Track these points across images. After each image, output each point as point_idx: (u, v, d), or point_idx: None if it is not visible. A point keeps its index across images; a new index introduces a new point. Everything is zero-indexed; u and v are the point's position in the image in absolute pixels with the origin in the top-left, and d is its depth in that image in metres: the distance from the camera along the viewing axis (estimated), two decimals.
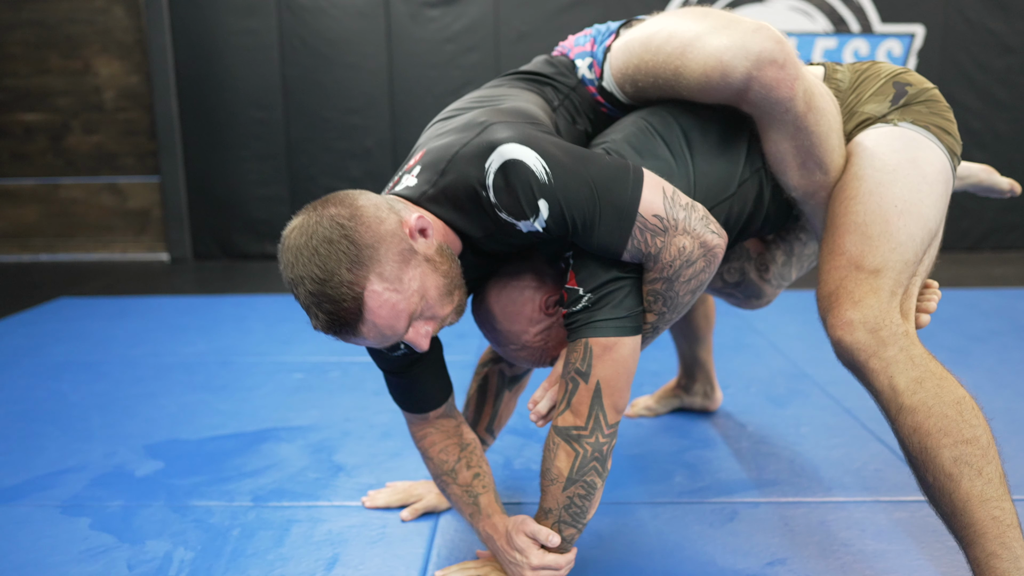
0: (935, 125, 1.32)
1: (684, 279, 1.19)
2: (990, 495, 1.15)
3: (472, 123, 1.20)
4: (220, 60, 4.69)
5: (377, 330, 1.08)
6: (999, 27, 4.59)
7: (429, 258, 1.12)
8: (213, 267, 4.76)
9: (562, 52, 1.50)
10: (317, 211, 1.08)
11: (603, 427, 1.22)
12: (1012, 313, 3.22)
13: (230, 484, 1.79)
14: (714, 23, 1.24)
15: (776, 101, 1.21)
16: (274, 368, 2.65)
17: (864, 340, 1.20)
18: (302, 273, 1.05)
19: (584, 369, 1.20)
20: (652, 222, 1.14)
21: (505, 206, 1.12)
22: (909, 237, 1.24)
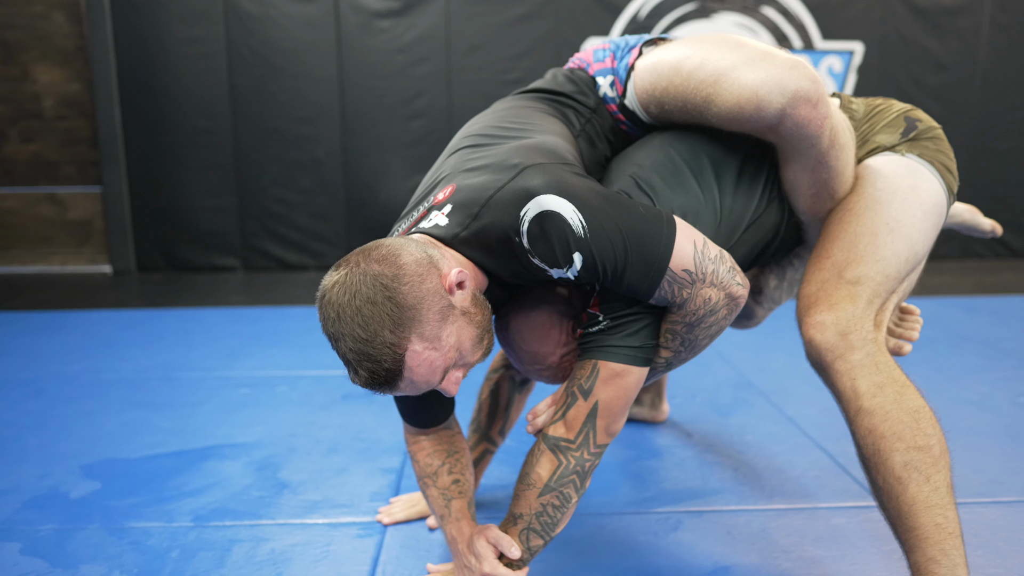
0: (939, 162, 1.39)
1: (705, 325, 1.23)
2: (936, 502, 1.19)
3: (506, 164, 1.19)
4: (165, 68, 4.60)
5: (414, 386, 1.11)
6: (933, 45, 4.77)
7: (465, 311, 1.14)
8: (158, 279, 4.65)
9: (580, 66, 1.49)
10: (360, 267, 1.08)
11: (591, 444, 1.25)
12: (945, 321, 3.34)
13: (169, 504, 1.74)
14: (750, 54, 1.26)
15: (804, 137, 1.25)
16: (219, 383, 2.60)
17: (833, 342, 1.25)
18: (344, 331, 1.06)
19: (587, 387, 1.24)
20: (681, 276, 1.16)
21: (539, 254, 1.13)
22: (894, 254, 1.31)
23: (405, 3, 4.58)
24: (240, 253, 4.84)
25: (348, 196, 4.80)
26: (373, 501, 1.76)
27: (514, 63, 4.67)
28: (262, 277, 4.67)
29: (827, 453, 1.99)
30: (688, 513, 1.70)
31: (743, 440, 2.10)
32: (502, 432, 1.72)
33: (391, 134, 4.73)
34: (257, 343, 3.10)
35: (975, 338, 3.08)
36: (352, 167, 4.76)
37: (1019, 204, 4.99)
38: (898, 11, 4.71)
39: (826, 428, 2.14)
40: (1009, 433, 2.10)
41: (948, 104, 4.80)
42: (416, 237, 1.18)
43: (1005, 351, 2.89)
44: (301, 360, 2.85)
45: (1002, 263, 4.94)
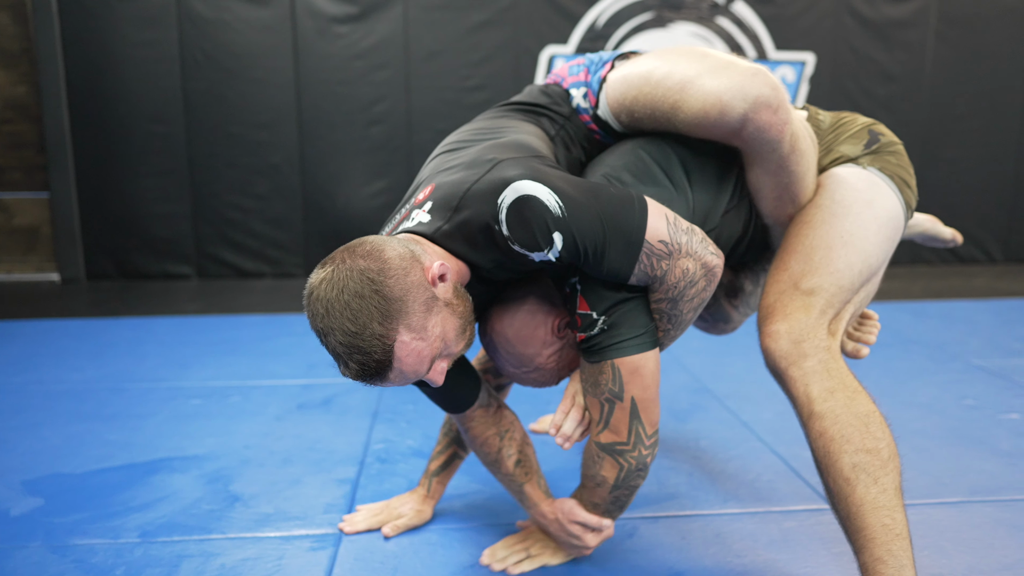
0: (898, 176, 1.44)
1: (687, 298, 1.27)
2: (883, 503, 1.22)
3: (480, 160, 1.24)
4: (116, 72, 4.49)
5: (403, 376, 1.14)
6: (882, 57, 4.89)
7: (448, 302, 1.17)
8: (108, 287, 4.54)
9: (555, 81, 1.55)
10: (347, 264, 1.11)
11: (644, 441, 1.32)
12: (895, 326, 3.42)
13: (116, 520, 1.70)
14: (714, 64, 1.31)
15: (766, 141, 1.30)
16: (170, 394, 2.54)
17: (787, 349, 1.31)
18: (333, 325, 1.09)
19: (617, 390, 1.28)
20: (658, 247, 1.20)
21: (518, 239, 1.16)
22: (848, 266, 1.36)
23: (363, 9, 4.55)
24: (194, 260, 4.75)
25: (306, 202, 4.74)
26: (328, 513, 1.74)
27: (473, 70, 4.67)
28: (217, 285, 4.59)
29: (780, 457, 2.02)
30: (644, 519, 1.71)
31: (699, 445, 2.12)
32: None
33: (350, 140, 4.69)
34: (211, 352, 3.04)
35: (924, 342, 3.16)
36: (310, 173, 4.71)
37: (965, 211, 5.14)
38: (848, 23, 4.82)
39: (780, 433, 2.17)
40: (955, 435, 2.15)
41: (897, 114, 4.93)
42: (399, 236, 1.22)
43: (952, 354, 2.97)
44: (256, 370, 2.81)
45: (950, 268, 5.08)
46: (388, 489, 1.85)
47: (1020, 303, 3.92)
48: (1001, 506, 1.73)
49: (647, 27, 4.75)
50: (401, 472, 1.95)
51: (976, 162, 5.09)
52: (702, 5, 4.75)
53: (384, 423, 2.30)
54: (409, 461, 2.02)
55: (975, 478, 1.87)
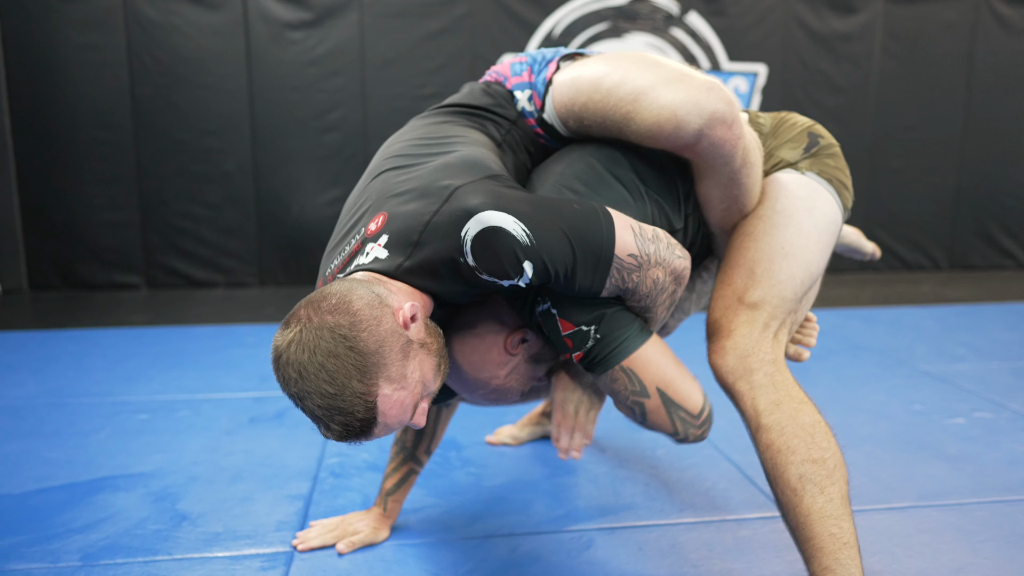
0: (836, 179, 1.46)
1: (659, 303, 1.28)
2: (830, 513, 1.24)
3: (434, 186, 1.17)
4: (60, 76, 4.36)
5: (388, 428, 1.10)
6: (830, 69, 5.01)
7: (422, 342, 1.13)
8: (52, 298, 4.39)
9: (496, 79, 1.49)
10: (314, 322, 1.05)
11: (693, 423, 1.30)
12: (846, 332, 3.49)
13: (56, 543, 1.63)
14: (668, 75, 1.29)
15: (719, 156, 1.29)
16: (115, 409, 2.46)
17: (733, 364, 1.33)
18: (309, 389, 1.03)
19: (639, 389, 1.26)
20: (628, 261, 1.19)
21: (487, 269, 1.13)
22: (789, 277, 1.37)
23: (317, 15, 4.50)
24: (143, 270, 4.63)
25: (259, 211, 4.65)
26: (279, 531, 1.70)
27: (429, 78, 4.64)
28: (167, 295, 4.47)
29: (735, 464, 2.04)
30: (600, 530, 1.70)
31: (655, 454, 2.13)
32: (428, 451, 1.69)
33: (304, 148, 4.62)
34: (159, 365, 2.95)
35: (872, 348, 3.23)
36: (263, 181, 4.63)
37: (911, 220, 5.29)
38: (798, 36, 4.93)
39: (734, 440, 2.19)
40: (904, 440, 2.20)
41: (845, 124, 5.05)
42: (360, 276, 1.16)
43: (900, 360, 3.04)
44: (206, 383, 2.74)
45: (897, 275, 5.21)
46: (342, 505, 1.82)
47: (964, 309, 4.04)
48: (948, 510, 1.76)
49: (603, 37, 4.78)
50: (356, 487, 1.92)
51: (920, 172, 5.24)
52: (657, 16, 4.80)
53: None
54: (364, 475, 1.98)
55: (923, 483, 1.91)
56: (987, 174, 5.30)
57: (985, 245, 5.40)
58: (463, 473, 2.01)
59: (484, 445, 2.20)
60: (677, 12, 4.81)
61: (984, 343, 3.31)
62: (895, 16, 5.00)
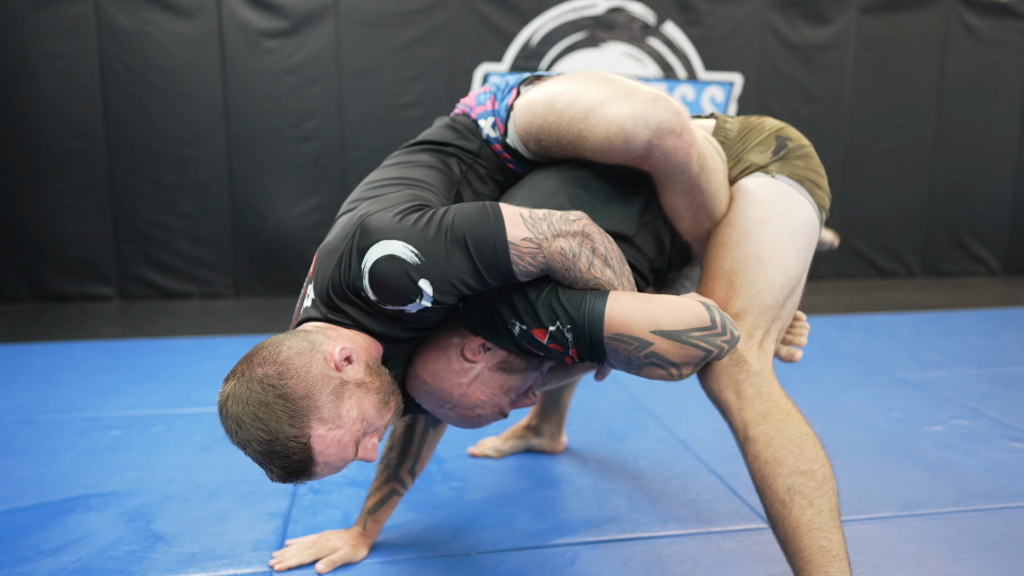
0: (808, 179, 1.46)
1: (584, 266, 1.24)
2: (819, 525, 1.23)
3: (348, 228, 1.22)
4: (30, 84, 4.28)
5: (330, 467, 1.16)
6: (804, 78, 5.07)
7: (360, 382, 1.18)
8: (21, 311, 4.30)
9: (463, 111, 1.53)
10: (246, 375, 1.13)
11: (712, 336, 1.24)
12: (824, 340, 3.51)
13: (25, 566, 1.58)
14: (615, 90, 1.31)
15: (674, 165, 1.30)
16: (87, 425, 2.41)
17: (721, 376, 1.33)
18: (248, 437, 1.11)
19: (638, 343, 1.22)
20: (525, 246, 1.20)
21: (387, 299, 1.17)
22: (768, 284, 1.37)
23: (293, 23, 4.46)
24: (115, 281, 4.55)
25: (235, 221, 4.60)
26: (257, 550, 1.66)
27: (406, 87, 4.62)
28: (140, 306, 4.40)
29: (718, 476, 2.03)
30: (584, 544, 1.69)
31: (638, 466, 2.12)
32: (412, 472, 1.66)
33: (280, 157, 4.57)
34: (132, 379, 2.89)
35: (850, 355, 3.25)
36: (239, 191, 4.57)
37: (886, 227, 5.35)
38: (773, 46, 4.98)
39: (716, 451, 2.18)
40: (884, 448, 2.21)
41: (819, 133, 5.10)
42: (304, 327, 1.24)
43: (877, 367, 3.06)
44: (181, 397, 2.68)
45: (872, 282, 5.27)
46: (322, 522, 1.78)
47: (938, 316, 4.09)
48: (930, 520, 1.77)
49: (580, 46, 4.80)
50: (336, 503, 1.88)
51: (894, 179, 5.31)
52: (633, 26, 4.83)
53: None
54: (344, 491, 1.95)
55: (904, 492, 1.92)
56: (959, 181, 5.39)
57: (958, 252, 5.49)
58: (445, 487, 1.98)
59: (466, 459, 2.17)
60: (654, 22, 4.84)
61: (959, 350, 3.35)
62: (867, 27, 5.07)
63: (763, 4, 4.92)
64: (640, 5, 4.80)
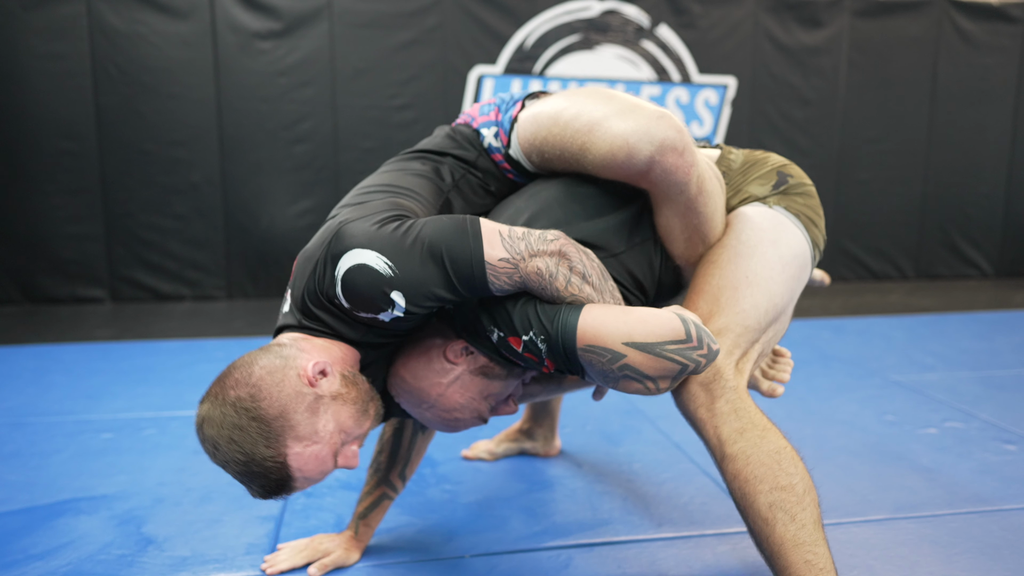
0: (805, 215, 1.47)
1: (562, 284, 1.23)
2: (803, 539, 1.23)
3: (326, 234, 1.22)
4: (21, 85, 4.26)
5: (309, 480, 1.17)
6: (798, 82, 5.08)
7: (336, 395, 1.18)
8: (12, 313, 4.27)
9: (465, 121, 1.54)
10: (220, 399, 1.14)
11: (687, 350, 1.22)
12: (816, 342, 3.52)
13: (15, 570, 1.56)
14: (620, 106, 1.32)
15: (673, 183, 1.30)
16: (77, 428, 2.39)
17: (696, 392, 1.32)
18: (226, 459, 1.13)
19: (611, 356, 1.20)
20: (501, 266, 1.19)
21: (359, 307, 1.18)
22: (753, 306, 1.37)
23: (287, 24, 4.45)
24: (107, 283, 4.52)
25: (228, 223, 4.58)
26: (249, 554, 1.65)
27: (400, 89, 4.62)
28: (132, 308, 4.38)
29: (712, 479, 2.03)
30: (579, 547, 1.68)
31: (632, 468, 2.11)
32: (402, 476, 1.65)
33: (273, 159, 4.56)
34: (124, 382, 2.88)
35: (843, 358, 3.25)
36: (232, 193, 4.56)
37: (878, 230, 5.37)
38: (766, 49, 4.99)
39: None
40: (877, 451, 2.21)
41: (813, 136, 5.12)
42: (280, 340, 1.25)
43: (871, 370, 3.07)
44: (173, 399, 2.67)
45: (865, 285, 5.28)
46: (314, 526, 1.77)
47: (931, 319, 4.10)
48: (925, 522, 1.77)
49: (574, 49, 4.80)
50: (328, 507, 1.87)
51: (887, 183, 5.33)
52: (628, 28, 4.83)
53: None
54: (337, 495, 1.94)
55: (898, 495, 1.92)
56: (951, 185, 5.41)
57: (950, 255, 5.51)
58: (438, 490, 1.98)
59: (459, 461, 2.16)
60: (648, 25, 4.85)
61: (952, 352, 3.35)
62: (861, 30, 5.08)
63: (757, 7, 4.94)
64: (634, 8, 4.81)
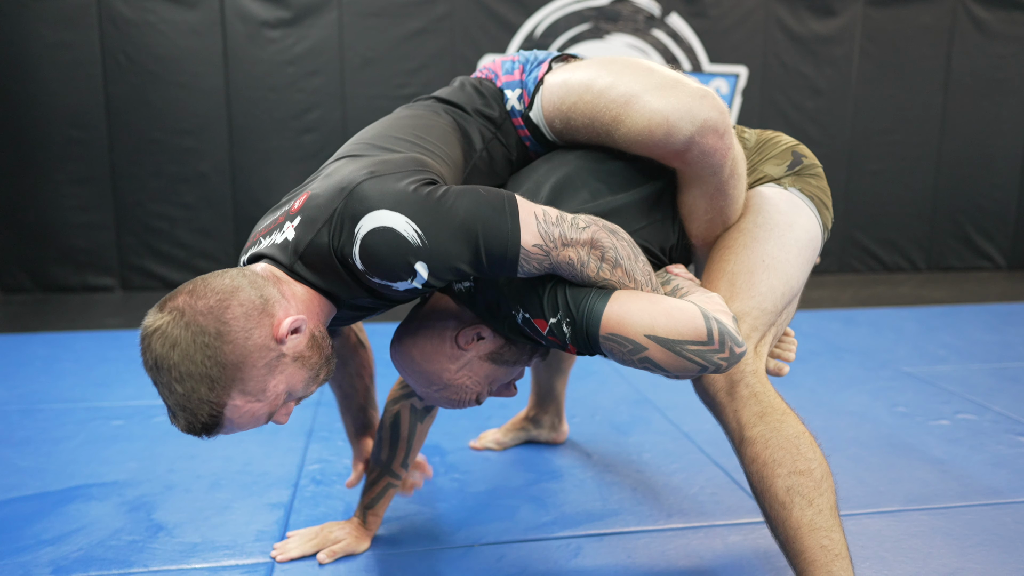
0: (817, 198, 1.45)
1: (593, 271, 1.19)
2: (820, 524, 1.22)
3: (344, 183, 1.14)
4: (31, 74, 4.27)
5: (235, 430, 1.11)
6: (810, 71, 5.03)
7: (298, 356, 1.12)
8: (23, 301, 4.29)
9: (488, 76, 1.46)
10: (181, 317, 1.04)
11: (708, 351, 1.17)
12: (826, 334, 3.50)
13: (26, 555, 1.57)
14: (661, 81, 1.27)
15: (709, 165, 1.27)
16: (88, 415, 2.40)
17: (715, 377, 1.31)
18: (162, 380, 1.05)
19: (632, 347, 1.17)
20: (534, 252, 1.14)
21: (376, 272, 1.10)
22: (770, 289, 1.35)
23: (296, 13, 4.44)
24: (117, 272, 4.54)
25: (236, 212, 4.58)
26: (259, 540, 1.65)
27: (409, 78, 4.60)
28: (142, 297, 4.39)
29: (722, 469, 2.02)
30: (588, 537, 1.68)
31: (641, 459, 2.11)
32: (404, 464, 1.64)
33: (282, 148, 4.56)
34: (134, 369, 2.89)
35: (854, 350, 3.23)
36: (240, 182, 4.56)
37: (889, 221, 5.33)
38: (778, 38, 4.95)
39: (720, 444, 2.17)
40: (889, 443, 2.19)
41: (824, 127, 5.08)
42: (259, 269, 1.15)
43: (881, 362, 3.05)
44: None
45: (876, 276, 5.25)
46: (324, 513, 1.78)
47: (943, 310, 4.07)
48: (937, 514, 1.76)
49: (584, 38, 4.77)
50: (338, 494, 1.87)
51: (898, 174, 5.28)
52: (638, 17, 4.80)
53: (319, 442, 2.21)
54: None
55: (910, 486, 1.91)
56: (964, 176, 5.36)
57: (962, 247, 5.46)
58: (447, 479, 1.97)
59: (468, 450, 2.16)
60: (658, 13, 4.81)
61: (964, 344, 3.33)
62: (873, 19, 5.03)
63: None
64: None
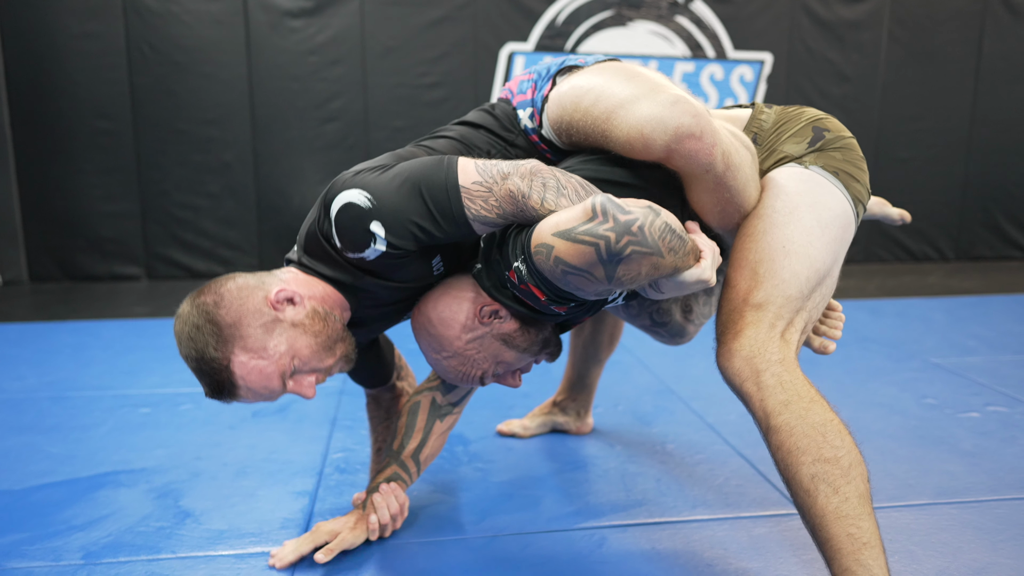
0: (844, 171, 1.42)
1: (537, 202, 1.24)
2: (846, 512, 1.20)
3: (334, 180, 1.32)
4: (58, 65, 4.31)
5: (253, 392, 1.30)
6: (836, 57, 4.96)
7: (297, 323, 1.31)
8: (52, 290, 4.36)
9: (506, 97, 1.55)
10: (193, 301, 1.30)
11: (597, 226, 1.14)
12: (853, 324, 3.45)
13: (57, 540, 1.60)
14: (639, 90, 1.31)
15: (696, 165, 1.29)
16: (116, 403, 2.43)
17: (741, 367, 1.31)
18: (184, 353, 1.30)
19: (547, 252, 1.19)
20: (475, 189, 1.24)
21: (345, 245, 1.27)
22: (793, 275, 1.34)
23: (317, 3, 4.44)
24: (143, 261, 4.59)
25: (259, 201, 4.61)
26: (284, 528, 1.66)
27: (431, 67, 4.59)
28: (167, 286, 4.44)
29: (747, 460, 2.00)
30: (612, 528, 1.67)
31: (665, 449, 2.09)
32: (416, 459, 1.64)
33: (304, 137, 4.58)
34: (160, 358, 2.92)
35: (882, 340, 3.19)
36: (263, 171, 4.59)
37: (917, 209, 5.21)
38: (804, 24, 4.87)
39: (745, 435, 2.15)
40: (917, 435, 2.16)
41: (851, 114, 5.00)
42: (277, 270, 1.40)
43: (909, 352, 3.00)
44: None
45: (903, 266, 5.18)
46: (348, 502, 1.78)
47: (972, 300, 4.00)
48: (967, 508, 1.73)
49: (607, 25, 4.73)
50: (362, 483, 1.88)
51: (927, 162, 5.19)
52: (661, 3, 4.74)
53: (343, 431, 2.22)
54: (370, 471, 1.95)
55: (939, 479, 1.88)
56: (995, 164, 5.26)
57: (992, 236, 5.37)
58: (470, 468, 1.98)
59: (491, 440, 2.16)
60: (682, 0, 4.75)
61: (995, 335, 3.27)
62: (902, 3, 4.94)
63: None
64: None
